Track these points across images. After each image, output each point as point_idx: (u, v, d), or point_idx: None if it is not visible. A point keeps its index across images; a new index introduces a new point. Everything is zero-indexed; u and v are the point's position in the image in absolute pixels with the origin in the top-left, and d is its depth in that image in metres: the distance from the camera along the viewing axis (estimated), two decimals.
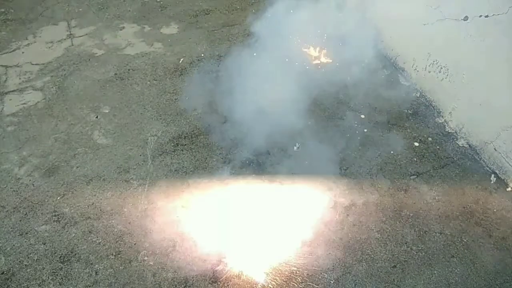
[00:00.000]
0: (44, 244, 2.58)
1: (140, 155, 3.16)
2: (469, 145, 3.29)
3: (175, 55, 4.16)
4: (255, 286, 2.40)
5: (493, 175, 3.06)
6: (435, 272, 2.51)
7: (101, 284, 2.40)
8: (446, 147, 3.31)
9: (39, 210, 2.76)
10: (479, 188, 3.00)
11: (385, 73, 3.96)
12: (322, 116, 3.55)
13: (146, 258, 2.53)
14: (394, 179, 3.05)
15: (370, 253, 2.60)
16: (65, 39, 4.32)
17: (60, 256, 2.52)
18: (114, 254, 2.54)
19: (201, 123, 3.43)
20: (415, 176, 3.08)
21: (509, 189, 2.97)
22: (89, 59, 4.06)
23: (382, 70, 3.98)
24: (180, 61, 3.75)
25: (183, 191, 2.90)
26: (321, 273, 2.48)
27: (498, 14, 2.78)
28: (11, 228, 2.66)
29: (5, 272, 2.44)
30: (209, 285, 2.41)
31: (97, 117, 3.46)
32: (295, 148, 3.08)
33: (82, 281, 2.41)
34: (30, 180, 2.95)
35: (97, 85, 3.78)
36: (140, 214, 2.75)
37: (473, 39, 3.03)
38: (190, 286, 2.40)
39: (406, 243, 2.66)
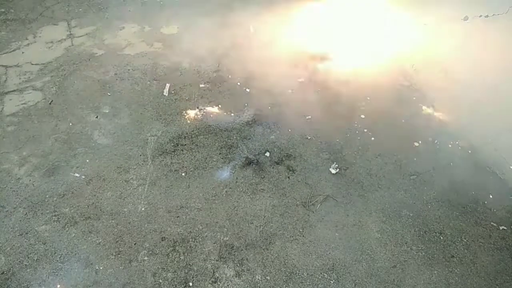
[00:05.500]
0: (44, 244, 2.58)
1: (140, 155, 3.16)
2: (469, 145, 3.29)
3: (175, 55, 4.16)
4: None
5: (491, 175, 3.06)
6: (435, 272, 2.51)
7: (101, 284, 2.40)
8: (446, 147, 3.31)
9: (39, 210, 2.76)
10: (479, 188, 3.00)
11: (385, 73, 3.95)
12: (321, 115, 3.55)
13: (146, 258, 2.53)
14: (394, 179, 3.05)
15: (370, 253, 2.60)
16: (65, 39, 4.31)
17: (60, 256, 2.52)
18: (114, 254, 2.54)
19: (201, 123, 3.43)
20: (415, 176, 3.08)
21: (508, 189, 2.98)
22: (89, 59, 4.06)
23: (382, 71, 3.97)
24: None
25: (183, 190, 2.90)
26: (321, 273, 2.48)
27: (498, 14, 2.78)
28: (11, 228, 2.65)
29: (5, 272, 2.43)
30: (209, 285, 2.41)
31: (97, 117, 3.46)
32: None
33: (82, 281, 2.41)
34: (30, 180, 2.94)
35: (97, 85, 3.77)
36: (140, 214, 2.75)
37: (473, 39, 3.04)
38: (190, 286, 2.40)
39: (406, 243, 2.66)
